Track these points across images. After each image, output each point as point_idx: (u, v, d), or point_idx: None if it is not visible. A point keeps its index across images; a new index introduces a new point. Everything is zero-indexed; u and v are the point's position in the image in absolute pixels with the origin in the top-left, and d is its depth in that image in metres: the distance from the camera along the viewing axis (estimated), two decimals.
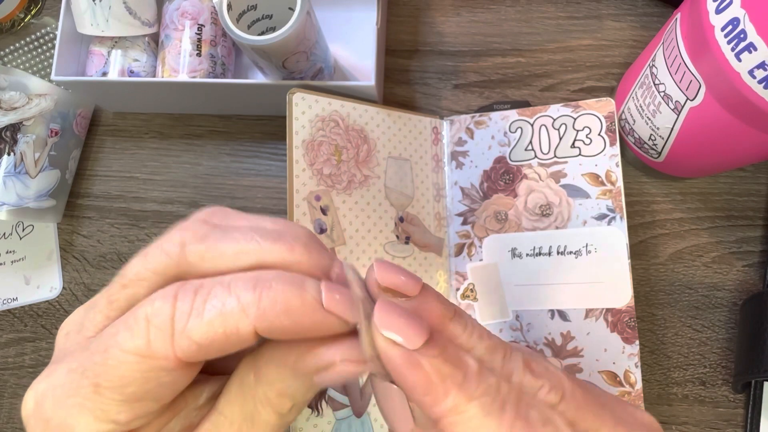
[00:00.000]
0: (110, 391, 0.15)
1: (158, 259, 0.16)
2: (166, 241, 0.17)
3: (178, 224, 0.17)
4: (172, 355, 0.15)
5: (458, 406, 0.15)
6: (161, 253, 0.16)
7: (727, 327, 0.39)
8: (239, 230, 0.16)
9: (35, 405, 0.16)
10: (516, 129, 0.40)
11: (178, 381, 0.15)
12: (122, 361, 0.15)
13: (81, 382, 0.15)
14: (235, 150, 0.45)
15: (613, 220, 0.38)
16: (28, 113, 0.41)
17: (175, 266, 0.16)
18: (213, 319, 0.14)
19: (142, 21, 0.42)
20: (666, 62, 0.32)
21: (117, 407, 0.15)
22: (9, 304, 0.44)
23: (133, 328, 0.15)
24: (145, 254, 0.17)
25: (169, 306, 0.15)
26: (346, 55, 0.44)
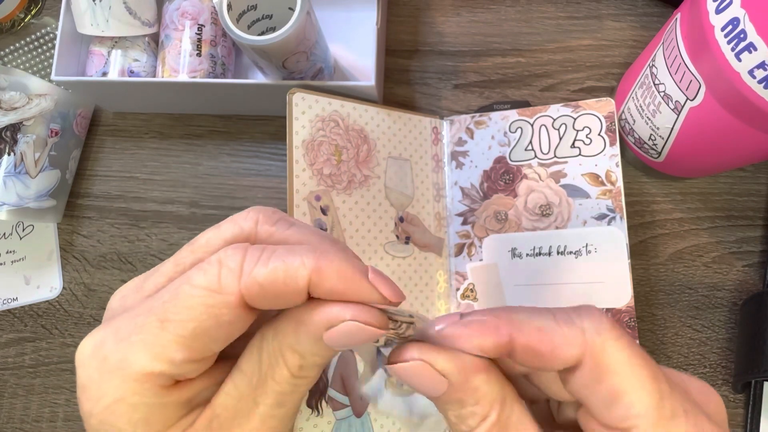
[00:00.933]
0: (175, 325, 0.16)
1: (231, 230, 0.18)
2: (241, 217, 0.18)
3: (251, 207, 0.19)
4: (237, 292, 0.16)
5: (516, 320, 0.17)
6: (235, 225, 0.18)
7: (727, 327, 0.39)
8: (304, 226, 0.19)
9: (94, 347, 0.17)
10: (516, 129, 0.40)
11: (237, 323, 0.17)
12: (191, 294, 0.16)
13: (147, 319, 0.16)
14: (235, 150, 0.45)
15: (613, 220, 0.38)
16: (28, 113, 0.41)
17: (245, 239, 0.18)
18: (277, 267, 0.16)
19: (142, 21, 0.42)
20: (666, 62, 0.32)
21: (176, 346, 0.16)
22: (9, 304, 0.44)
23: (206, 269, 0.16)
24: (219, 226, 0.18)
25: (240, 254, 0.16)
26: (346, 55, 0.44)
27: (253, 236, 0.18)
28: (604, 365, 0.16)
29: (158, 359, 0.16)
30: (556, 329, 0.17)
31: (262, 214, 0.18)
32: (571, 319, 0.17)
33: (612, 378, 0.16)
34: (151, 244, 0.44)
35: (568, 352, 0.16)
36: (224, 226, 0.18)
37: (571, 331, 0.16)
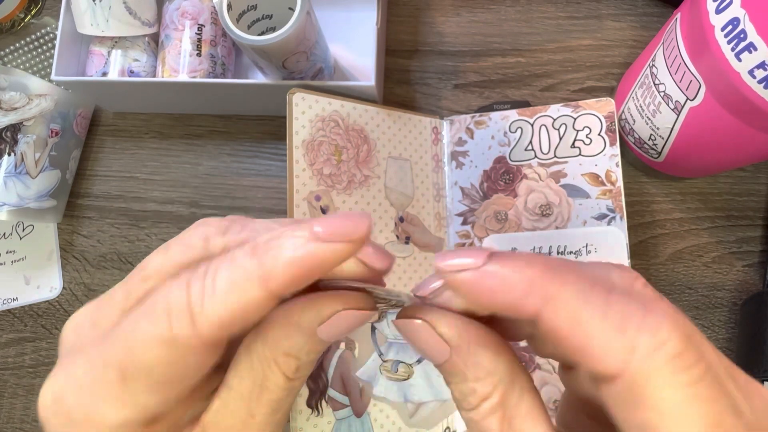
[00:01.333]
0: (137, 379, 0.15)
1: (181, 252, 0.16)
2: (188, 235, 0.17)
3: (199, 220, 0.17)
4: (195, 337, 0.15)
5: (551, 294, 0.14)
6: (184, 246, 0.16)
7: (727, 327, 0.39)
8: (259, 223, 0.17)
9: (53, 400, 0.15)
10: (516, 129, 0.40)
11: (205, 361, 0.16)
12: (147, 348, 0.15)
13: (105, 373, 0.15)
14: (235, 150, 0.45)
15: (613, 220, 0.38)
16: (28, 113, 0.41)
17: (198, 259, 0.16)
18: (226, 294, 0.15)
19: (142, 21, 0.42)
20: (666, 62, 0.32)
21: (145, 393, 0.15)
22: (9, 304, 0.44)
23: (153, 317, 0.15)
24: (167, 247, 0.17)
25: (184, 292, 0.15)
26: (346, 55, 0.44)
27: (207, 255, 0.16)
28: (645, 397, 0.13)
29: (127, 408, 0.15)
30: (598, 332, 0.13)
31: (210, 227, 0.17)
32: (626, 325, 0.13)
33: (649, 415, 0.13)
34: (151, 244, 0.44)
35: (602, 364, 0.13)
36: (173, 248, 0.17)
37: (617, 343, 0.13)
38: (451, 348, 0.16)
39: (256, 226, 0.17)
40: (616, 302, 0.14)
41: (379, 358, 0.23)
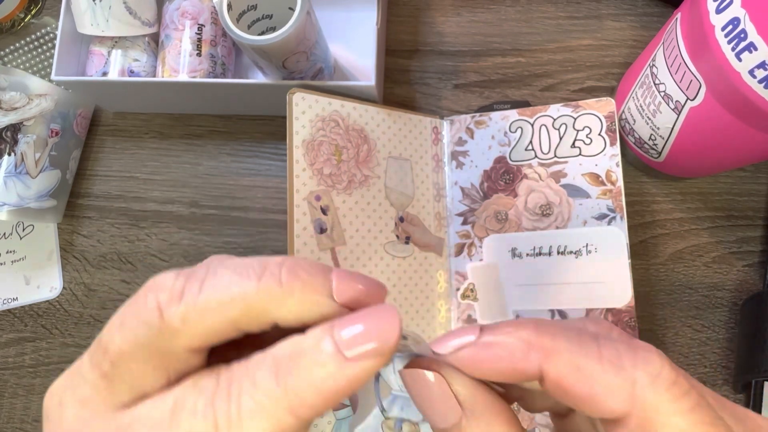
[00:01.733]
0: None
1: (138, 332, 0.15)
2: (141, 306, 0.15)
3: (151, 281, 0.15)
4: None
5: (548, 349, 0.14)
6: (139, 324, 0.15)
7: (727, 327, 0.39)
8: (222, 271, 0.15)
9: None
10: (516, 129, 0.40)
11: None
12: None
13: None
14: (235, 150, 0.45)
15: (614, 220, 0.38)
16: (28, 113, 0.41)
17: (158, 337, 0.15)
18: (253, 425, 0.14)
19: (142, 21, 0.42)
20: (666, 62, 0.32)
21: None
22: (9, 304, 0.44)
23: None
24: (122, 323, 0.15)
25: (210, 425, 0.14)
26: (346, 55, 0.44)
27: (166, 330, 0.15)
28: (657, 428, 0.13)
29: None
30: (598, 372, 0.14)
31: (162, 292, 0.15)
32: (622, 362, 0.14)
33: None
34: (151, 244, 0.44)
35: (610, 404, 0.13)
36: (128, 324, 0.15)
37: (618, 379, 0.13)
38: (463, 410, 0.15)
39: (219, 282, 0.15)
40: (605, 346, 0.14)
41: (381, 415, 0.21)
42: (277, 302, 0.14)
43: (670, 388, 0.13)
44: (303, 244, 0.35)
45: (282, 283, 0.14)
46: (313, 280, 0.15)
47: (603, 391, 0.14)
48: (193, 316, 0.14)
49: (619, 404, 0.13)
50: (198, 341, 0.15)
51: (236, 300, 0.14)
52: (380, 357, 0.14)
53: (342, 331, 0.14)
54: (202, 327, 0.14)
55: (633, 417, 0.13)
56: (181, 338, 0.15)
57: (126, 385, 0.15)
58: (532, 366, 0.14)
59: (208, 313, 0.14)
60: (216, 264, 0.15)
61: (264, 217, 0.44)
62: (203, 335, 0.15)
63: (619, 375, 0.14)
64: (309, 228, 0.35)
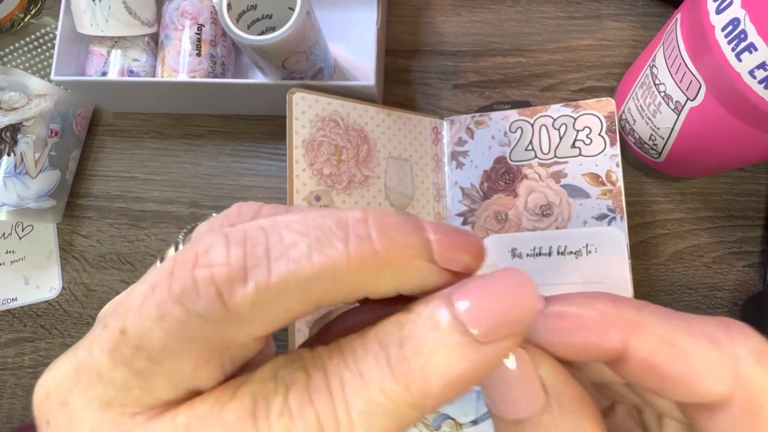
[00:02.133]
0: None
1: (190, 325, 0.11)
2: (190, 290, 0.11)
3: (190, 251, 0.11)
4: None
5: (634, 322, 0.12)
6: (191, 315, 0.11)
7: None
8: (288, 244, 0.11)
9: None
10: (516, 129, 0.40)
11: None
12: None
13: None
14: (235, 150, 0.45)
15: (614, 220, 0.38)
16: (28, 113, 0.41)
17: (219, 328, 0.11)
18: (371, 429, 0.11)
19: (141, 21, 0.42)
20: (666, 62, 0.32)
21: None
22: (8, 304, 0.44)
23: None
24: (161, 312, 0.11)
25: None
26: (346, 55, 0.44)
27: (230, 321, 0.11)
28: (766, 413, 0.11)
29: None
30: (694, 350, 0.12)
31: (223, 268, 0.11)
32: (717, 336, 0.12)
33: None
34: (150, 244, 0.44)
35: (710, 385, 0.12)
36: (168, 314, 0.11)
37: (718, 356, 0.12)
38: (547, 398, 0.12)
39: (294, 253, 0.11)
40: (695, 319, 0.12)
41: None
42: (372, 273, 0.11)
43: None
44: None
45: (377, 249, 0.11)
46: (411, 240, 0.12)
47: (701, 369, 0.12)
48: (267, 298, 0.11)
49: (722, 385, 0.11)
50: (271, 327, 0.12)
51: (322, 274, 0.11)
52: (518, 335, 0.11)
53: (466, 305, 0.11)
54: (277, 310, 0.11)
55: (737, 399, 0.11)
56: (250, 326, 0.11)
57: (168, 381, 0.12)
58: (614, 342, 0.12)
59: (287, 295, 0.11)
60: (276, 225, 0.12)
61: None
62: (277, 319, 0.12)
63: (719, 351, 0.12)
64: None
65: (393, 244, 0.11)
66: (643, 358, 0.12)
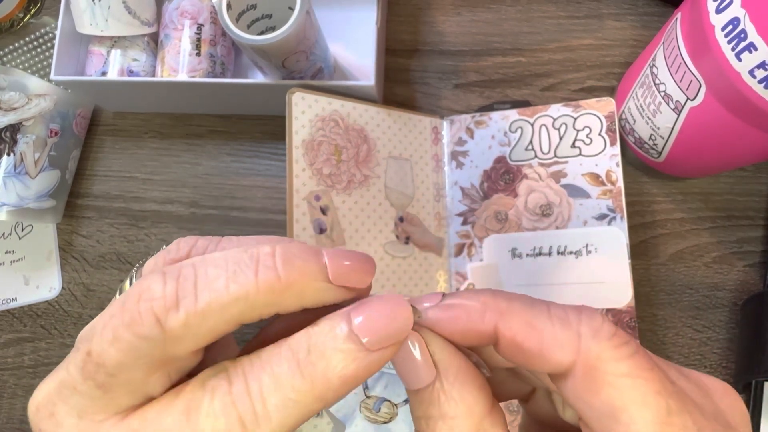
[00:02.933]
0: None
1: (136, 345, 0.14)
2: (135, 319, 0.14)
3: (135, 288, 0.15)
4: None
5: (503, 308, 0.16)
6: (137, 337, 0.14)
7: (727, 327, 0.39)
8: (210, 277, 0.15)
9: None
10: (516, 129, 0.40)
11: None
12: None
13: None
14: (235, 150, 0.45)
15: (614, 220, 0.37)
16: (27, 113, 0.41)
17: (159, 347, 0.14)
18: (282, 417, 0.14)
19: (141, 20, 0.42)
20: (666, 62, 0.32)
21: None
22: (8, 305, 0.44)
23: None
24: (115, 336, 0.14)
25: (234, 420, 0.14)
26: (346, 55, 0.44)
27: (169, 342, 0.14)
28: (600, 376, 0.14)
29: None
30: (548, 327, 0.15)
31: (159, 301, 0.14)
32: (568, 318, 0.15)
33: (608, 391, 0.14)
34: (150, 244, 0.44)
35: (558, 356, 0.15)
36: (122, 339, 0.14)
37: (565, 332, 0.15)
38: (438, 372, 0.15)
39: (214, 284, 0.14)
40: (554, 306, 0.16)
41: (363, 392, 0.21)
42: (278, 296, 0.15)
43: (611, 338, 0.15)
44: None
45: (280, 276, 0.15)
46: (309, 267, 0.15)
47: (552, 344, 0.15)
48: (195, 321, 0.14)
49: (567, 355, 0.15)
50: (200, 343, 0.15)
51: (237, 301, 0.14)
52: (396, 346, 0.15)
53: (359, 321, 0.15)
54: (204, 329, 0.14)
55: (579, 366, 0.15)
56: (184, 343, 0.14)
57: (125, 390, 0.15)
58: (488, 325, 0.15)
59: (210, 317, 0.14)
60: (204, 262, 0.15)
61: (264, 217, 0.43)
62: (205, 337, 0.15)
63: (565, 329, 0.15)
64: (308, 228, 0.35)
65: (294, 270, 0.15)
66: (509, 337, 0.15)
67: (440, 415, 0.15)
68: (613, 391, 0.14)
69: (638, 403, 0.14)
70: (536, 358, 0.15)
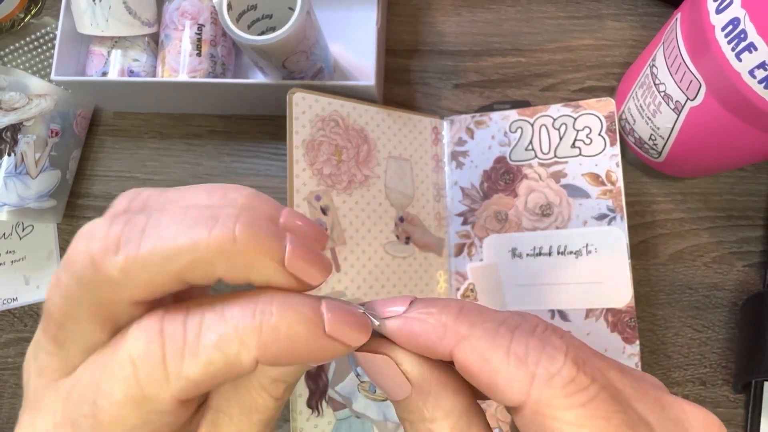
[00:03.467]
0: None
1: (72, 286, 0.14)
2: (74, 260, 0.14)
3: (82, 228, 0.14)
4: (168, 398, 0.13)
5: (462, 335, 0.15)
6: (72, 277, 0.14)
7: (727, 327, 0.39)
8: (161, 225, 0.14)
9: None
10: (516, 129, 0.40)
11: (182, 416, 0.15)
12: (115, 412, 0.13)
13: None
14: (235, 150, 0.45)
15: (614, 220, 0.38)
16: (28, 113, 0.41)
17: (95, 289, 0.14)
18: (210, 355, 0.13)
19: (141, 21, 0.42)
20: (666, 62, 0.32)
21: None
22: (9, 304, 0.44)
23: (118, 375, 0.13)
24: (57, 280, 0.14)
25: (158, 346, 0.13)
26: (346, 55, 0.44)
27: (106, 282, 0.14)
28: (546, 422, 0.14)
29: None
30: (503, 365, 0.15)
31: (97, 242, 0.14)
32: (526, 358, 0.15)
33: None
34: None
35: (508, 394, 0.15)
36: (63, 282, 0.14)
37: (519, 372, 0.15)
38: (412, 387, 0.16)
39: (163, 232, 0.14)
40: (519, 339, 0.15)
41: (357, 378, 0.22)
42: (227, 259, 0.14)
43: (566, 386, 0.14)
44: None
45: (236, 240, 0.14)
46: (266, 242, 0.14)
47: (504, 381, 0.15)
48: (134, 267, 0.13)
49: (516, 395, 0.15)
50: (141, 294, 0.14)
51: (183, 253, 0.13)
52: (348, 348, 0.15)
53: (329, 311, 0.15)
54: (144, 279, 0.14)
55: (528, 405, 0.15)
56: (123, 290, 0.14)
57: (77, 346, 0.14)
58: (445, 348, 0.15)
59: (151, 266, 0.13)
60: (158, 209, 0.14)
61: None
62: (146, 288, 0.14)
63: (520, 370, 0.15)
64: None
65: (251, 240, 0.14)
66: (464, 366, 0.15)
67: (421, 420, 0.16)
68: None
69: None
70: (488, 389, 0.15)
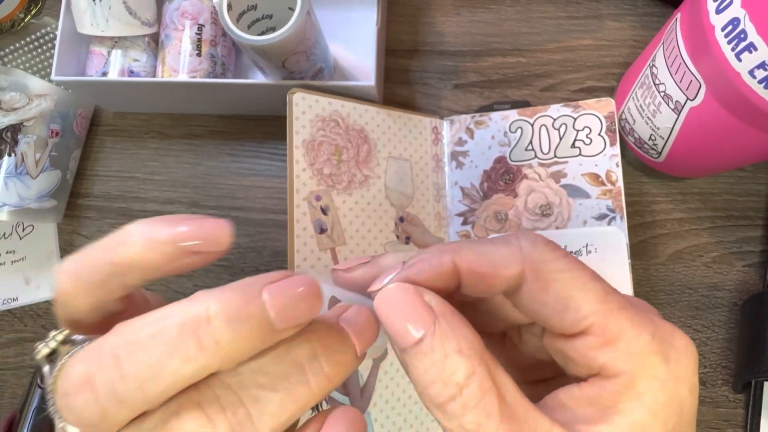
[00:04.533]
0: None
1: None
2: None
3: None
4: None
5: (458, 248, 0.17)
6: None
7: (727, 327, 0.39)
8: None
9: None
10: (516, 129, 0.40)
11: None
12: None
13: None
14: (235, 150, 0.45)
15: (613, 220, 0.38)
16: (28, 114, 0.41)
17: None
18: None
19: (142, 21, 0.42)
20: (666, 62, 0.32)
21: None
22: (9, 305, 0.44)
23: None
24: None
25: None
26: (346, 55, 0.44)
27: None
28: (545, 275, 0.17)
29: None
30: (494, 250, 0.17)
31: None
32: (509, 240, 0.17)
33: (555, 286, 0.16)
34: None
35: (508, 269, 0.17)
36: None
37: (509, 249, 0.17)
38: (436, 316, 0.16)
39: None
40: (495, 236, 0.18)
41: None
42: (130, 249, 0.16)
43: (546, 245, 0.17)
44: (303, 244, 0.35)
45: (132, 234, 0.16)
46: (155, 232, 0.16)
47: (501, 261, 0.17)
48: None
49: (515, 267, 0.17)
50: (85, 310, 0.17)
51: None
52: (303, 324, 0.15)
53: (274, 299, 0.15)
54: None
55: (527, 272, 0.17)
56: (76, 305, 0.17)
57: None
58: (448, 264, 0.17)
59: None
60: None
61: (264, 217, 0.44)
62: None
63: (509, 247, 0.17)
64: (309, 228, 0.35)
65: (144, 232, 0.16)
66: (467, 267, 0.17)
67: (442, 357, 0.15)
68: (558, 285, 0.17)
69: (580, 289, 0.17)
70: (492, 278, 0.17)
